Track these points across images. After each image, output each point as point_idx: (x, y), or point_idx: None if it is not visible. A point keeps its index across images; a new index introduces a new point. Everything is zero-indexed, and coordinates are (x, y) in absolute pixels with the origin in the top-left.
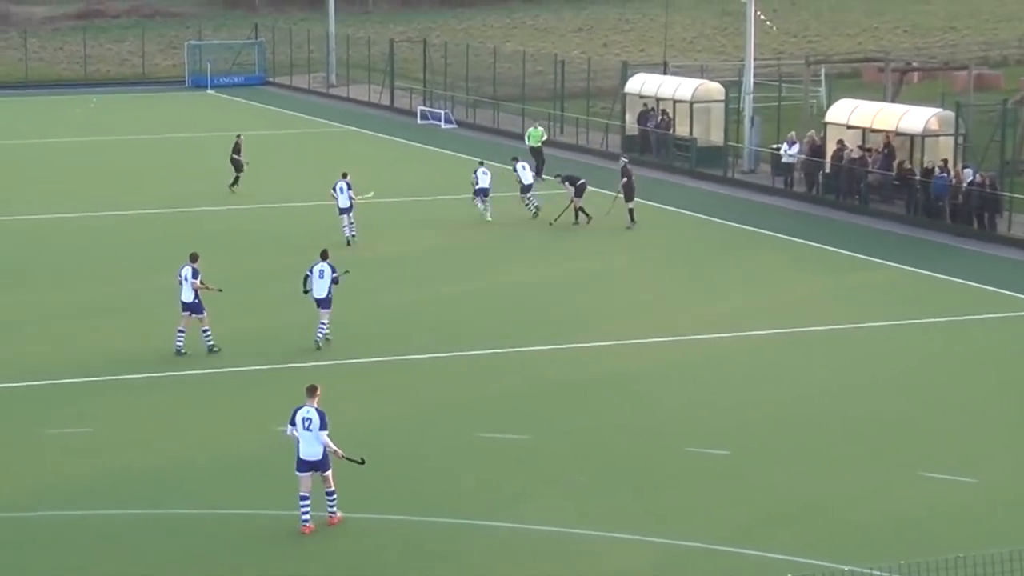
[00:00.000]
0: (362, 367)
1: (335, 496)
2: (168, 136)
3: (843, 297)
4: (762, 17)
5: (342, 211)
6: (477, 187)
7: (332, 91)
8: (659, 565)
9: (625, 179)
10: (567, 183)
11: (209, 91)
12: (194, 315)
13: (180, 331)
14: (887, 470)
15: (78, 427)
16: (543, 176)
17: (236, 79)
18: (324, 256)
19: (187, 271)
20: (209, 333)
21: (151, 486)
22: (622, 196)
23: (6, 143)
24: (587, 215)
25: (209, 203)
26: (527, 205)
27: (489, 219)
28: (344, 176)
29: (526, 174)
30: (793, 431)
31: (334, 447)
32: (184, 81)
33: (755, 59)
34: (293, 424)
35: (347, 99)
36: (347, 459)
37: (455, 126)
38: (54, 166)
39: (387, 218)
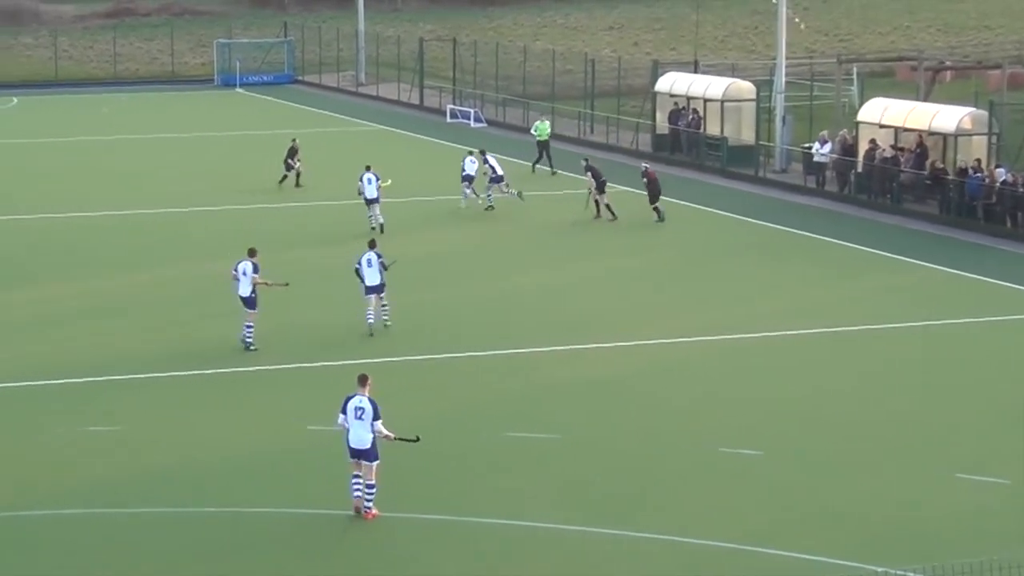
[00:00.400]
0: (392, 365)
1: (375, 491)
2: (197, 135)
3: (875, 297)
4: (796, 20)
5: (369, 202)
6: (464, 174)
7: (361, 90)
8: (692, 566)
9: (646, 180)
10: (589, 173)
11: (238, 89)
12: (247, 310)
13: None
14: (920, 471)
15: (105, 426)
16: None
17: (265, 78)
18: (372, 245)
19: (246, 266)
20: (252, 330)
21: (178, 484)
22: (647, 196)
23: (36, 142)
24: (612, 213)
25: (238, 201)
26: (487, 196)
27: (462, 206)
28: (368, 168)
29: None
30: (824, 432)
31: (387, 432)
32: (213, 80)
33: (786, 57)
34: (344, 413)
35: (376, 98)
36: (401, 439)
37: (485, 125)
38: (84, 165)
39: (417, 216)
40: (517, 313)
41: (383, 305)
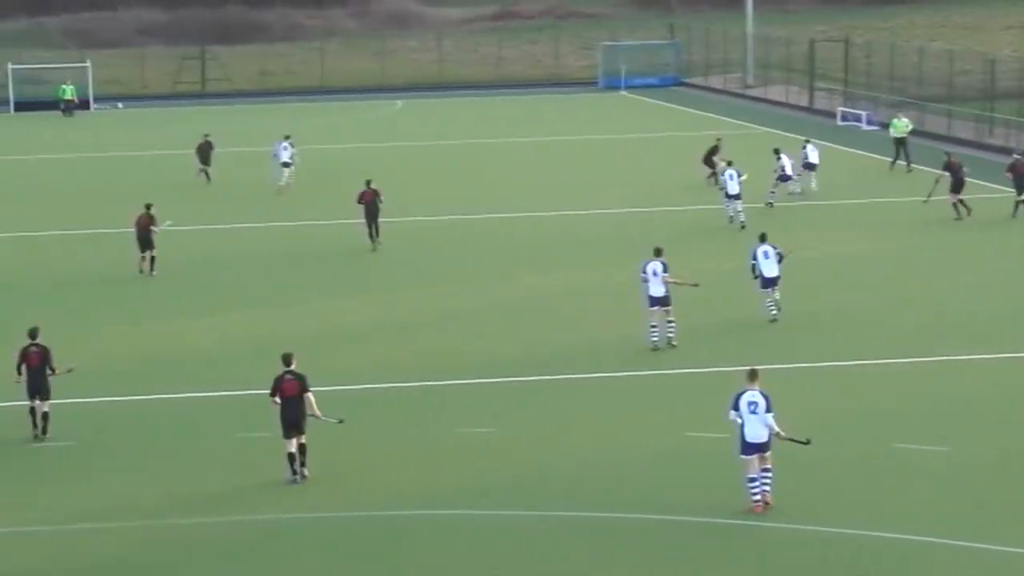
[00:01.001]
0: (786, 372)
1: (771, 474)
2: (583, 138)
3: None
4: None
5: (729, 197)
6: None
7: (748, 92)
8: None
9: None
10: (948, 170)
11: (622, 92)
12: (662, 308)
13: (653, 326)
14: None
15: (490, 427)
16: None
17: (650, 80)
18: (763, 239)
19: (655, 266)
20: (674, 325)
21: (549, 488)
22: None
23: (418, 144)
24: (967, 208)
25: (629, 205)
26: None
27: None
28: (730, 164)
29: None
30: None
31: (778, 429)
32: (597, 82)
33: None
34: (736, 409)
35: (763, 100)
36: (791, 440)
37: (877, 127)
38: (469, 167)
39: (812, 220)
40: (911, 318)
41: (774, 298)
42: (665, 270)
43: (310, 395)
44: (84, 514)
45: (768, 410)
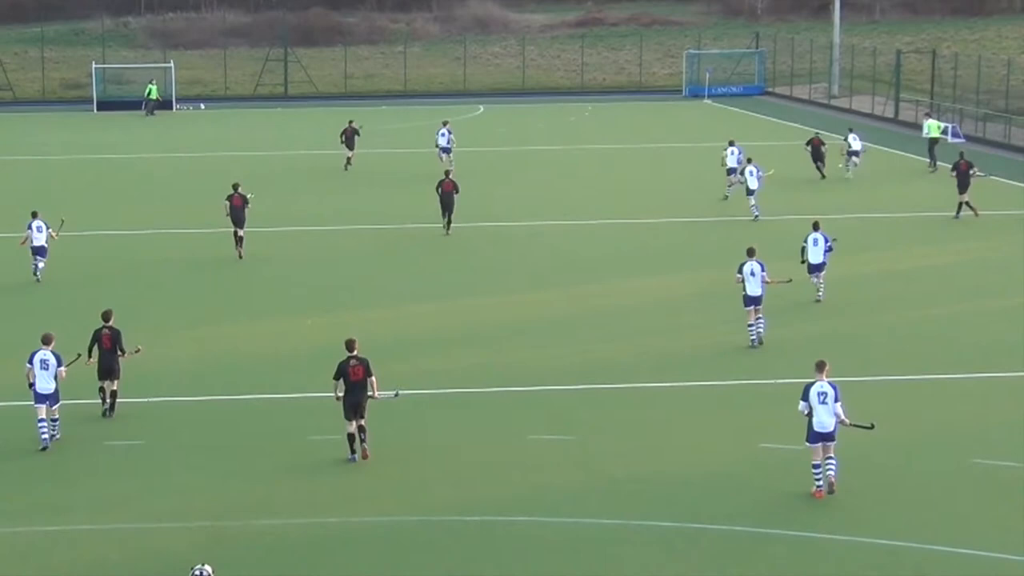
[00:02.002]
0: (870, 385)
1: (835, 460)
2: (666, 146)
3: None
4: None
5: (750, 192)
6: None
7: (833, 102)
8: None
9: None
10: (955, 170)
11: (706, 100)
12: (756, 307)
13: (750, 325)
14: None
15: (562, 434)
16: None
17: (734, 89)
18: (816, 227)
19: (753, 266)
20: (764, 323)
21: (638, 497)
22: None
23: (505, 149)
24: (972, 209)
25: (704, 214)
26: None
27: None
28: (750, 161)
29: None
30: None
31: (843, 416)
32: (681, 90)
33: None
34: (805, 400)
35: (849, 110)
36: (856, 426)
37: (963, 140)
38: (550, 173)
39: (892, 234)
40: (992, 331)
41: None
42: (763, 269)
43: (373, 378)
44: (152, 513)
45: (837, 399)
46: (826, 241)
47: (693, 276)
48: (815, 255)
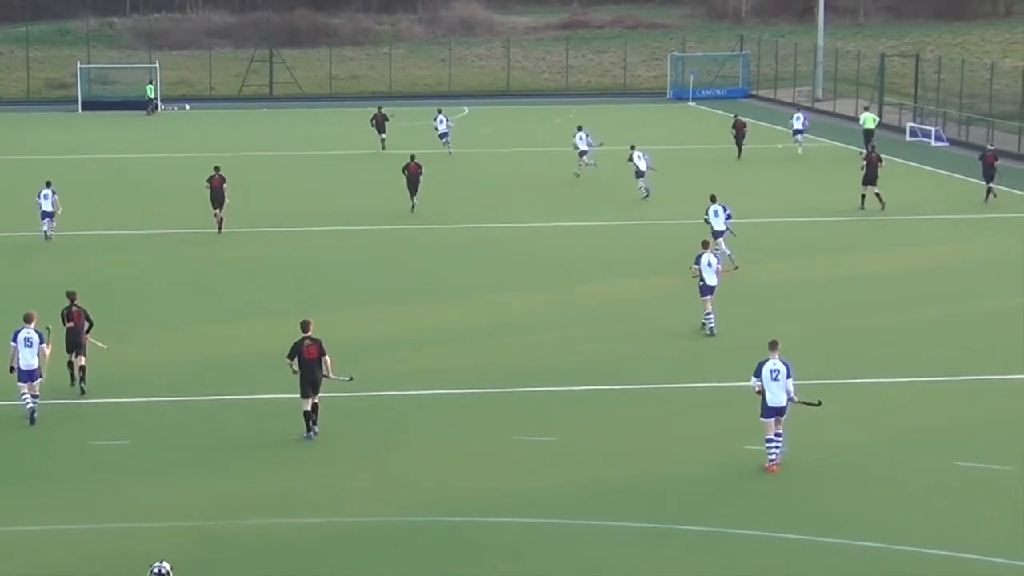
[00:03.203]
0: (852, 388)
1: (783, 438)
2: (648, 148)
3: None
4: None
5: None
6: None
7: (817, 105)
8: None
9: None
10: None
11: (690, 103)
12: (712, 296)
13: (708, 314)
14: None
15: (547, 435)
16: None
17: (718, 92)
18: (714, 199)
19: (710, 258)
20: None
21: (623, 498)
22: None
23: (489, 151)
24: (881, 200)
25: (689, 216)
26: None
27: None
28: (633, 148)
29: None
30: None
31: (793, 394)
32: (665, 93)
33: None
34: (758, 376)
35: (832, 114)
36: (803, 403)
37: (946, 144)
38: (532, 175)
39: (882, 236)
40: (976, 334)
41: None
42: (719, 262)
43: (327, 358)
44: (137, 513)
45: (788, 376)
46: (725, 210)
47: (679, 277)
48: (717, 223)
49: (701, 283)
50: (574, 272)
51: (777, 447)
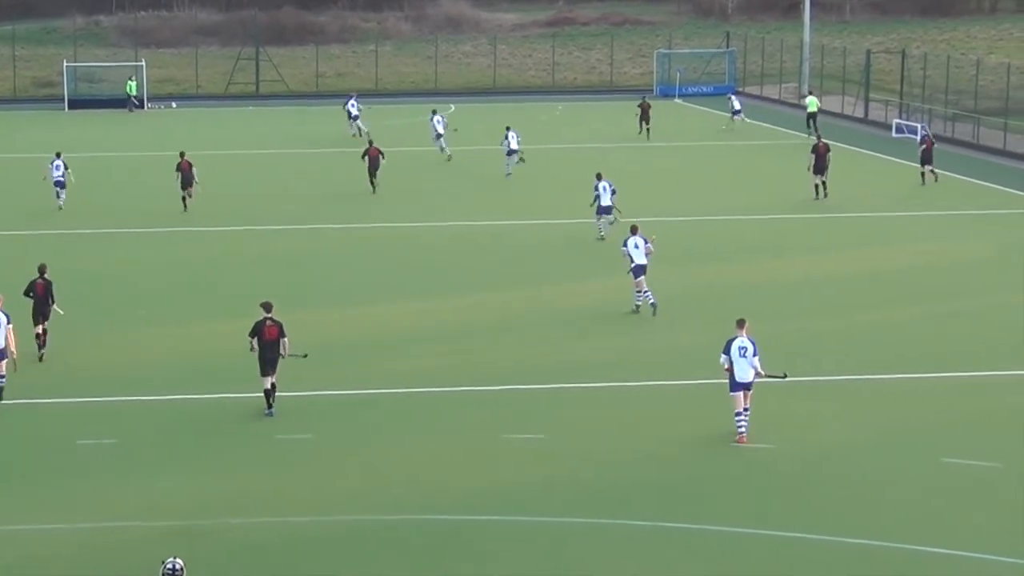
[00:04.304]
0: (827, 385)
1: (748, 414)
2: (636, 146)
3: None
4: None
5: (510, 153)
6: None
7: (803, 101)
8: None
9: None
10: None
11: (677, 100)
12: (644, 276)
13: (639, 292)
14: None
15: (533, 433)
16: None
17: (705, 88)
18: (600, 176)
19: (637, 240)
20: (649, 293)
21: (610, 496)
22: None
23: (475, 148)
24: (823, 190)
25: (679, 213)
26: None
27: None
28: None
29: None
30: None
31: (759, 368)
32: (652, 90)
33: None
34: (727, 353)
35: (819, 110)
36: (769, 376)
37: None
38: (518, 173)
39: (865, 233)
40: (961, 331)
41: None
42: (646, 243)
43: (286, 339)
44: (123, 512)
45: (755, 354)
46: (610, 186)
47: (665, 275)
48: (605, 199)
49: (633, 265)
50: (558, 270)
51: (745, 421)
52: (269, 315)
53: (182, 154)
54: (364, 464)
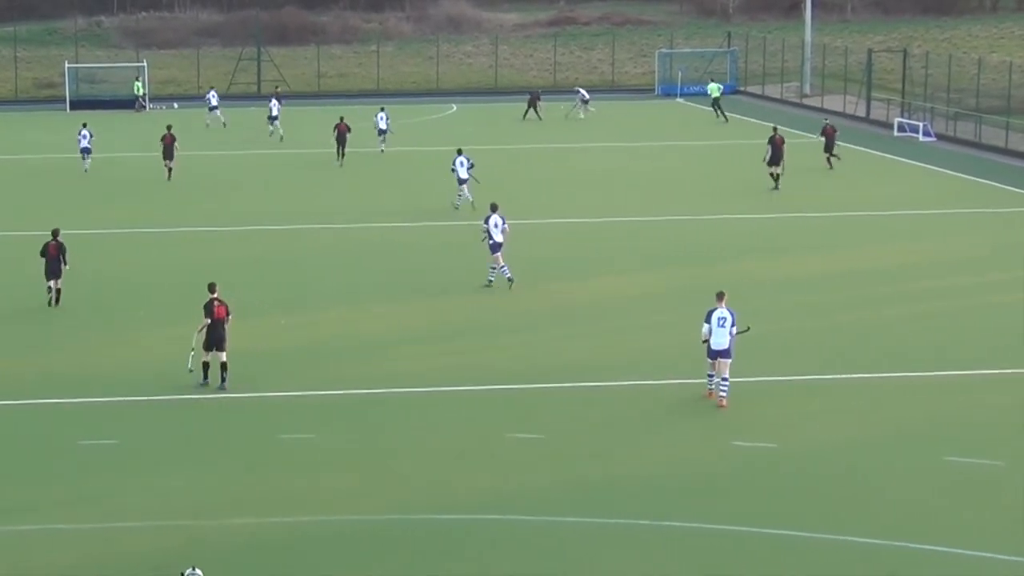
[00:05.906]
0: (827, 384)
1: (728, 383)
2: (640, 145)
3: None
4: None
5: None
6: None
7: (805, 101)
8: None
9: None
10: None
11: (678, 99)
12: (500, 252)
13: (493, 268)
14: None
15: (536, 433)
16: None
17: (704, 88)
18: (462, 157)
19: (496, 219)
20: (506, 268)
21: (612, 496)
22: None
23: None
24: (776, 180)
25: (676, 212)
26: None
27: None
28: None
29: (463, 170)
30: None
31: (734, 334)
32: (653, 89)
33: None
34: (708, 322)
35: (820, 109)
36: (739, 333)
37: (934, 139)
38: (521, 171)
39: (866, 233)
40: (962, 329)
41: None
42: (504, 222)
43: (231, 318)
44: (126, 512)
45: (733, 324)
46: (468, 161)
47: (664, 274)
48: (462, 172)
49: (490, 241)
50: (560, 269)
51: (718, 388)
52: (215, 296)
53: (168, 128)
54: (365, 464)
